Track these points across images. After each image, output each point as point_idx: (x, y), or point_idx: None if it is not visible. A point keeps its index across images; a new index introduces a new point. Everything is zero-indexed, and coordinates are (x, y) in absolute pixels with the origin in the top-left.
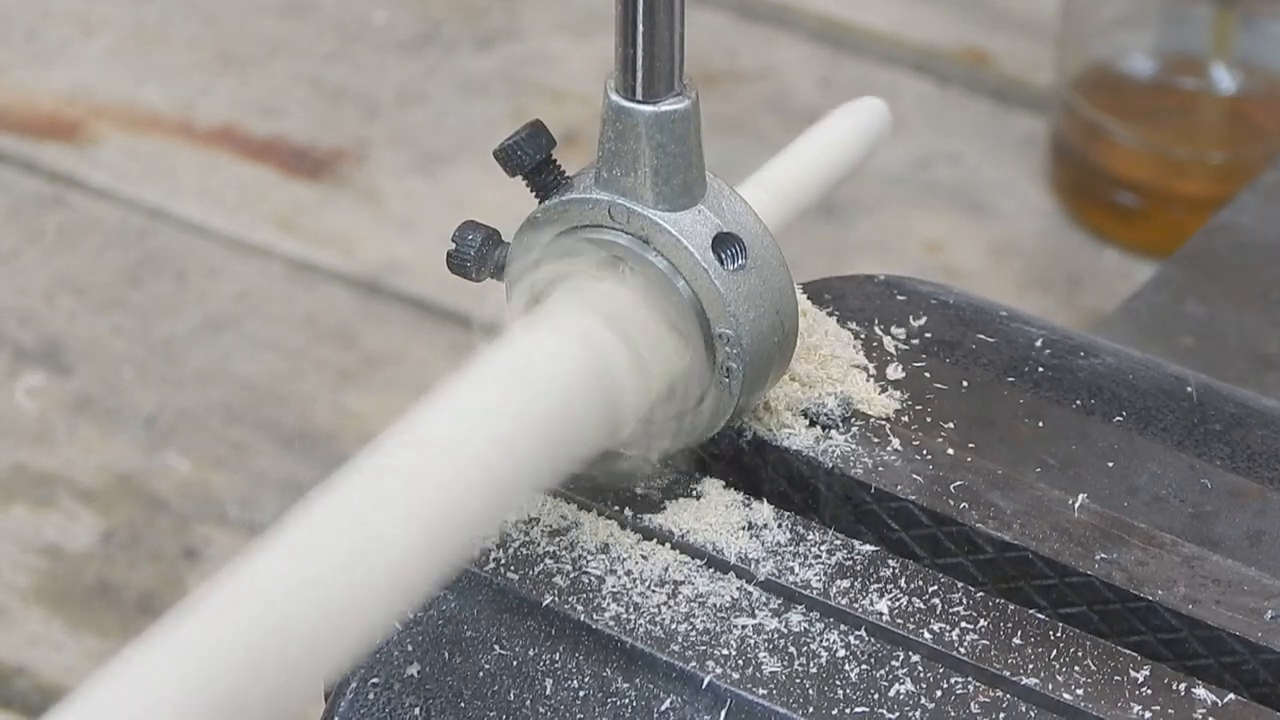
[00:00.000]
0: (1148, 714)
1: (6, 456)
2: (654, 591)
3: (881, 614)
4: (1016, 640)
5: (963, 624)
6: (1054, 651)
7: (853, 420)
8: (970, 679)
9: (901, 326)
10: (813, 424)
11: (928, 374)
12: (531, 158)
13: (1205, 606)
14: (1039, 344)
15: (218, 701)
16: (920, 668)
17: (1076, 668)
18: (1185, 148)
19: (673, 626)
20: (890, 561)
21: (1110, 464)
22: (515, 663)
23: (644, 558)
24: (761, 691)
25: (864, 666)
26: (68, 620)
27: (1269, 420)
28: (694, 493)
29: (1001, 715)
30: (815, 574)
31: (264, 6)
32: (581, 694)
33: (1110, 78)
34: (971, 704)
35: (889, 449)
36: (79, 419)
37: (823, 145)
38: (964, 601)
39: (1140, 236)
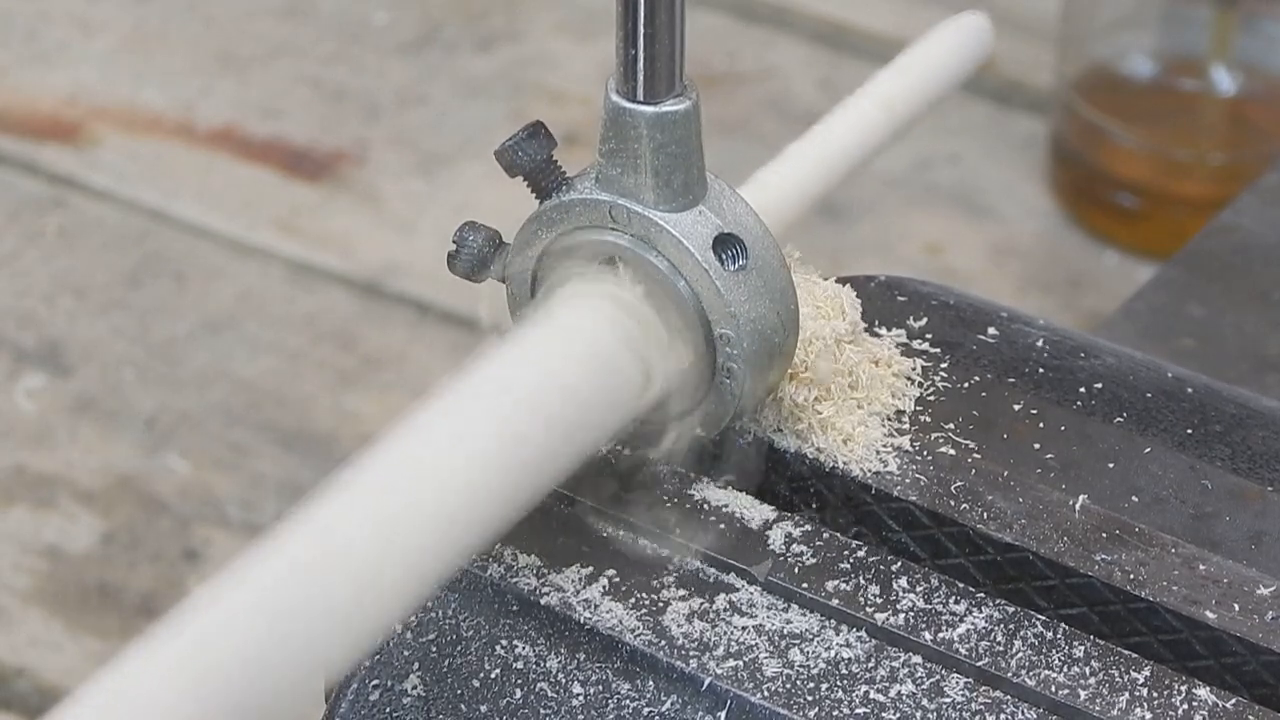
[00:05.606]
0: (1148, 715)
1: (6, 458)
2: (654, 593)
3: (882, 615)
4: (1017, 641)
5: (963, 625)
6: (1054, 653)
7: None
8: (970, 680)
9: (901, 327)
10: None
11: (928, 375)
12: (532, 159)
13: (1206, 607)
14: (1039, 345)
15: (213, 703)
16: (920, 669)
17: (1077, 669)
18: (1185, 149)
19: (673, 628)
20: (890, 562)
21: (1111, 465)
22: (516, 664)
23: (644, 558)
24: (762, 693)
25: (864, 667)
26: (67, 622)
27: (1269, 421)
28: (693, 494)
29: (1002, 716)
30: (815, 575)
31: (264, 7)
32: (582, 695)
33: (1110, 79)
34: (972, 705)
35: (889, 450)
36: (79, 420)
37: (927, 59)
38: (964, 603)
39: (1140, 238)
